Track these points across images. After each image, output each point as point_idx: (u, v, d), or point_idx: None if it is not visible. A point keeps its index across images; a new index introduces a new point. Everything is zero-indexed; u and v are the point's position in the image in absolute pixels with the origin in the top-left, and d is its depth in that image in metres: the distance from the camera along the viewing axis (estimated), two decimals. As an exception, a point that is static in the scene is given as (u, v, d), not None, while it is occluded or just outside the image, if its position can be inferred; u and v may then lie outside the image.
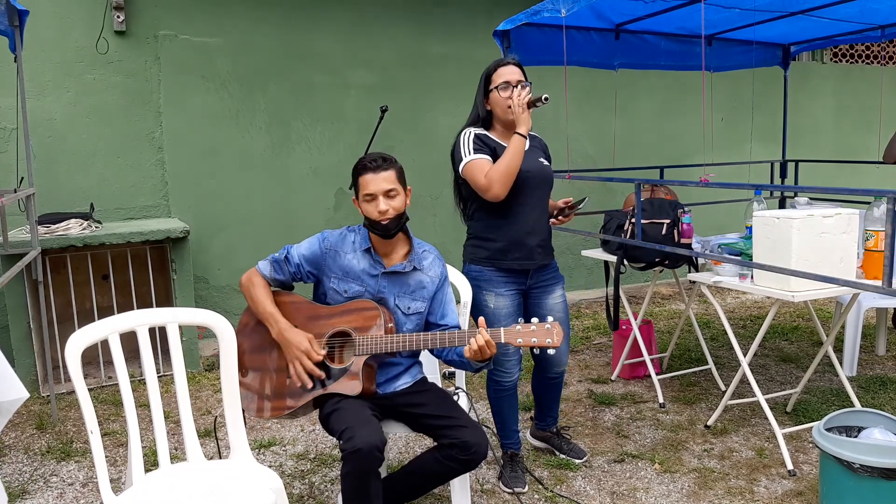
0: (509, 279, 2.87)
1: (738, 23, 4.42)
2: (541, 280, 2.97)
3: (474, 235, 2.92)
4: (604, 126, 6.11)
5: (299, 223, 5.25)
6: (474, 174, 2.75)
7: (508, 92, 2.79)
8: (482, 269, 2.86)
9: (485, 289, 2.86)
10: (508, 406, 3.05)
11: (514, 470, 3.03)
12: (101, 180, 4.78)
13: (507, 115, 2.80)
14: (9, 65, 4.26)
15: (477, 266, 2.88)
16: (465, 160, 2.78)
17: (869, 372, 4.30)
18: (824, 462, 2.62)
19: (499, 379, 2.99)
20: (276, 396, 2.48)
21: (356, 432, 2.18)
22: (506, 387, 3.00)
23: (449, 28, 5.64)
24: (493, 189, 2.71)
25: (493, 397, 3.06)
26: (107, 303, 4.48)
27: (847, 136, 7.41)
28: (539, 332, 2.30)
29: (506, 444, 3.10)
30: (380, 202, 2.42)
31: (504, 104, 2.79)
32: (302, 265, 2.53)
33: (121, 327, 2.20)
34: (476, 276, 2.87)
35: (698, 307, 5.94)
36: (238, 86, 5.06)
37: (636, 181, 3.49)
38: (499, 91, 2.80)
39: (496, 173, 2.71)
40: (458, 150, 2.83)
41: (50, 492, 3.06)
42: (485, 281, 2.86)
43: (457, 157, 2.83)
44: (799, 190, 4.52)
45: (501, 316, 2.85)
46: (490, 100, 2.85)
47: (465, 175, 2.80)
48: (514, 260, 2.85)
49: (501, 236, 2.84)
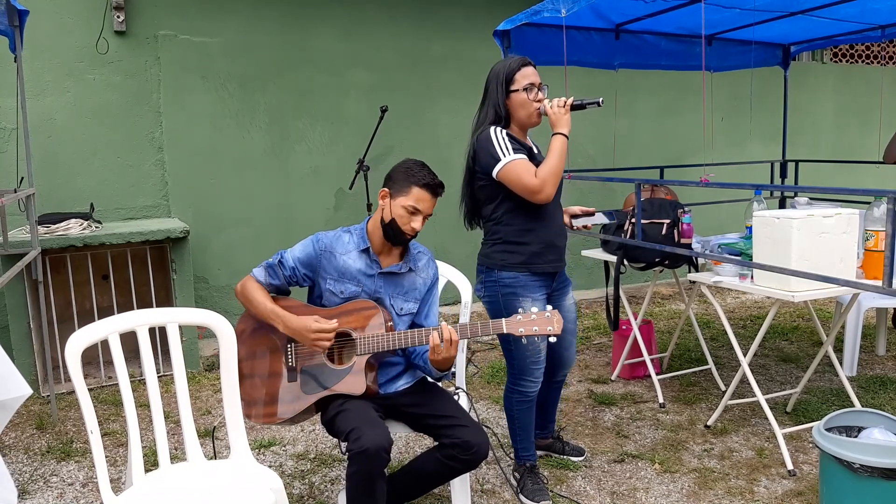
0: (542, 283, 2.77)
1: (738, 23, 4.41)
2: (560, 282, 2.91)
3: (504, 240, 2.74)
4: (604, 126, 6.11)
5: (299, 223, 5.25)
6: (520, 175, 2.60)
7: (534, 94, 2.72)
8: (516, 274, 2.72)
9: (521, 295, 2.71)
10: (531, 417, 2.91)
11: (535, 482, 2.89)
12: (101, 180, 4.78)
13: (530, 117, 2.74)
14: (9, 65, 4.26)
15: (510, 273, 2.72)
16: (506, 160, 2.61)
17: (869, 372, 4.30)
18: (824, 462, 2.62)
19: (524, 389, 2.83)
20: (277, 402, 2.46)
21: (363, 433, 2.18)
22: (530, 397, 2.85)
23: (449, 28, 5.64)
24: (545, 190, 2.60)
25: (516, 409, 2.89)
26: (107, 303, 4.48)
27: (847, 136, 7.41)
28: (539, 320, 2.30)
29: (524, 457, 2.95)
30: (419, 220, 2.43)
31: (529, 106, 2.71)
32: (297, 268, 2.52)
33: (121, 327, 2.20)
34: (510, 283, 2.72)
35: (698, 307, 5.94)
36: (238, 86, 5.06)
37: (636, 181, 3.49)
38: (526, 93, 2.70)
39: (548, 174, 2.59)
40: (492, 149, 2.64)
41: (50, 492, 3.06)
42: (521, 287, 2.72)
43: (487, 157, 2.66)
44: (799, 190, 4.52)
45: None
46: (511, 100, 2.72)
47: (506, 176, 2.63)
48: (548, 263, 2.76)
49: (536, 239, 2.73)
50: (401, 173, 2.46)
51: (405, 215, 2.43)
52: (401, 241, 2.48)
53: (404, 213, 2.43)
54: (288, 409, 2.45)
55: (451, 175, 2.94)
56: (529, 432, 2.95)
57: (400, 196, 2.44)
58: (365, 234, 2.53)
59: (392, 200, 2.46)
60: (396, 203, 2.44)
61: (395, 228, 2.45)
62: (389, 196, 2.47)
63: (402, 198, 2.43)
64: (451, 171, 5.73)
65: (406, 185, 2.44)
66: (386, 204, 2.47)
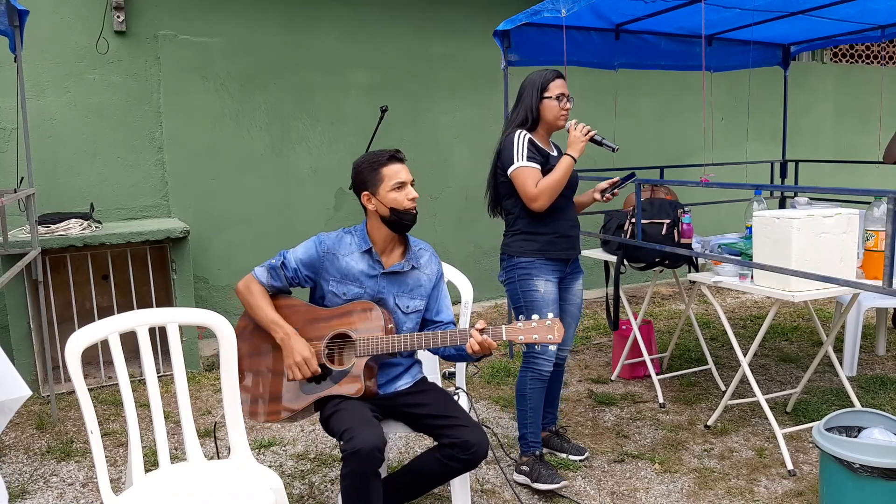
0: (555, 267, 3.01)
1: (738, 23, 4.42)
2: (572, 270, 3.12)
3: (522, 231, 3.01)
4: (604, 126, 6.09)
5: (299, 223, 5.25)
6: (525, 181, 2.89)
7: (563, 102, 2.96)
8: (532, 259, 2.98)
9: (535, 276, 2.97)
10: (539, 398, 3.05)
11: (548, 468, 2.99)
12: (101, 180, 4.78)
13: (556, 120, 2.97)
14: (9, 65, 4.26)
15: (526, 258, 2.99)
16: (517, 164, 2.90)
17: (869, 372, 4.30)
18: (824, 462, 2.62)
19: (539, 367, 3.01)
20: (277, 400, 2.47)
21: (356, 433, 2.18)
22: (545, 376, 3.03)
23: (449, 28, 5.64)
24: (539, 201, 2.88)
25: (529, 389, 3.04)
26: (107, 303, 4.48)
27: (847, 136, 7.41)
28: (540, 328, 2.31)
29: (533, 445, 3.06)
30: (410, 189, 2.46)
31: (557, 111, 2.95)
32: (299, 270, 2.51)
33: (121, 327, 2.20)
34: (526, 266, 2.99)
35: (698, 307, 5.94)
36: (238, 86, 5.06)
37: (636, 181, 3.49)
38: (558, 101, 2.95)
39: (547, 187, 2.88)
40: (511, 151, 2.92)
41: (50, 492, 3.06)
42: (535, 269, 2.98)
43: (507, 157, 2.93)
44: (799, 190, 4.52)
45: (550, 301, 2.97)
46: (543, 105, 2.96)
47: (515, 178, 2.91)
48: (561, 250, 3.01)
49: (549, 230, 2.98)
50: (364, 170, 2.48)
51: (397, 195, 2.44)
52: (409, 223, 2.49)
53: (395, 194, 2.44)
54: (288, 407, 2.46)
55: (451, 174, 2.97)
56: (539, 416, 3.08)
57: (379, 185, 2.45)
58: (366, 234, 2.53)
59: (377, 196, 2.46)
60: (382, 193, 2.45)
61: (399, 213, 2.45)
62: (372, 195, 2.47)
63: (382, 185, 2.45)
64: (451, 171, 5.77)
65: (376, 173, 2.46)
66: (375, 203, 2.47)
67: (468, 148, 5.70)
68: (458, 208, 5.71)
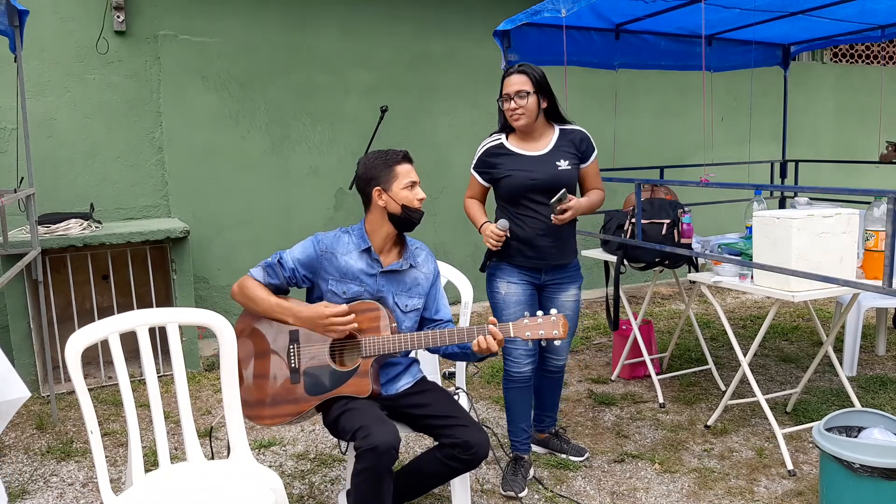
0: (522, 272, 2.98)
1: (738, 23, 4.41)
2: (556, 277, 3.03)
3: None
4: (604, 126, 6.11)
5: (299, 223, 5.25)
6: (468, 186, 3.07)
7: (509, 103, 2.88)
8: (499, 263, 3.00)
9: (497, 277, 2.99)
10: (516, 399, 3.07)
11: (514, 473, 3.00)
12: (101, 180, 4.78)
13: (510, 120, 2.91)
14: (9, 65, 4.26)
15: (494, 260, 3.02)
16: (471, 168, 3.05)
17: (869, 372, 4.30)
18: (824, 462, 2.62)
19: (509, 369, 3.04)
20: (278, 403, 2.45)
21: (372, 430, 2.18)
22: (515, 378, 3.03)
23: (449, 28, 5.64)
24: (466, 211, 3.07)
25: (504, 389, 3.10)
26: (107, 303, 4.48)
27: (847, 136, 7.41)
28: (545, 324, 2.33)
29: (512, 443, 3.09)
30: (419, 190, 2.51)
31: (508, 114, 2.90)
32: (297, 269, 2.50)
33: (121, 327, 2.20)
34: (492, 268, 3.03)
35: (698, 307, 5.94)
36: (238, 86, 5.06)
37: (636, 181, 3.49)
38: (500, 103, 2.93)
39: (467, 210, 3.08)
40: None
41: (50, 492, 3.06)
42: (499, 271, 3.00)
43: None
44: (799, 190, 4.52)
45: (511, 303, 2.94)
46: (503, 107, 2.94)
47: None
48: (526, 258, 2.95)
49: (514, 237, 2.94)
50: (378, 165, 2.49)
51: (408, 194, 2.47)
52: (417, 221, 2.52)
53: (407, 193, 2.47)
54: (291, 410, 2.43)
55: (451, 174, 2.98)
56: (516, 419, 3.09)
57: (393, 182, 2.47)
58: (364, 233, 2.53)
59: (389, 192, 2.47)
60: (395, 190, 2.46)
61: (409, 211, 2.48)
62: (384, 190, 2.47)
63: (396, 182, 2.47)
64: (450, 171, 5.76)
65: (390, 170, 2.48)
66: (386, 199, 2.47)
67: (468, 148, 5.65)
68: (458, 208, 5.66)
